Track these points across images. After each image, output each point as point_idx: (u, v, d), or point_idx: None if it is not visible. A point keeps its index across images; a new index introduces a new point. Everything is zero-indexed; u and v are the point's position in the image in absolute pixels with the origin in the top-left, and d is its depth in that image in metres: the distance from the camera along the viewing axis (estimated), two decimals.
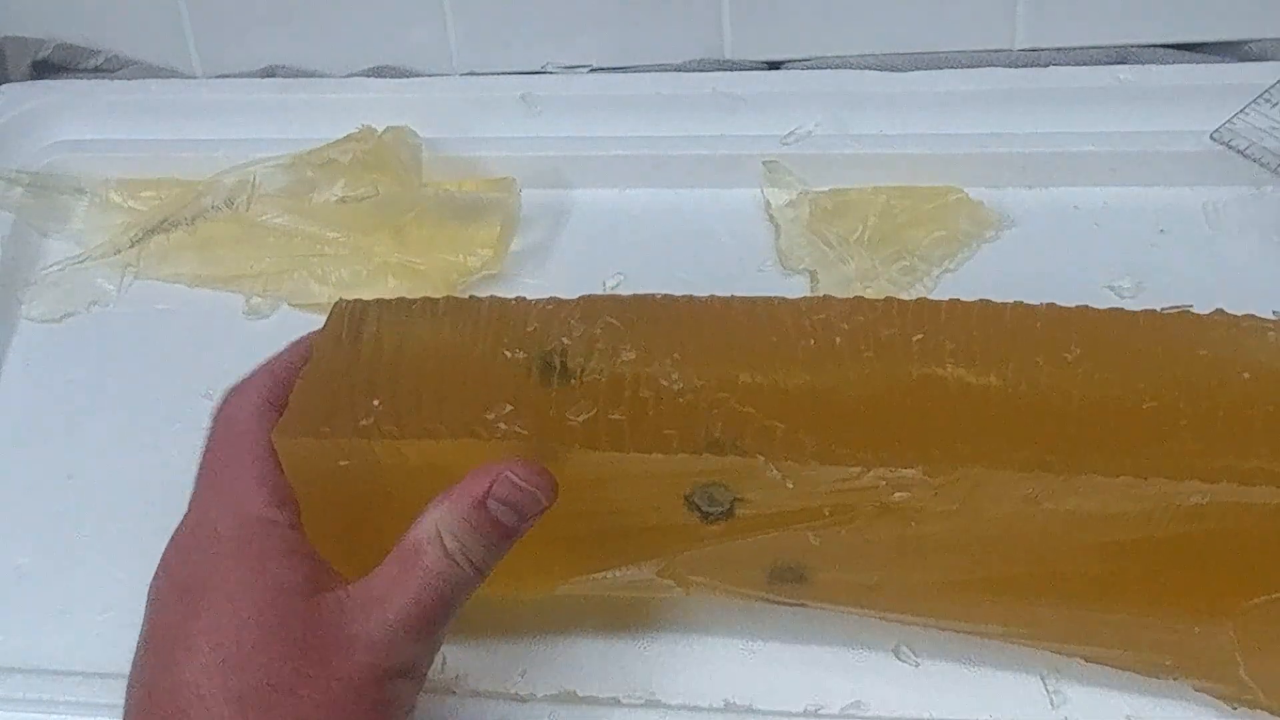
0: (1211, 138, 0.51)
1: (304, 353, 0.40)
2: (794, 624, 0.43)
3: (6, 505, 0.50)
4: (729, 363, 0.38)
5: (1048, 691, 0.42)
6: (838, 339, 0.39)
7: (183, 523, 0.38)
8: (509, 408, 0.37)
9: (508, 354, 0.38)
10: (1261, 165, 0.49)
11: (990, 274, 0.51)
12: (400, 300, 0.41)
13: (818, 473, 0.36)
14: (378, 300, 0.41)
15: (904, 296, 0.50)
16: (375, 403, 0.37)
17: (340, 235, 0.53)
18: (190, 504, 0.38)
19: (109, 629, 0.46)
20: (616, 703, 0.43)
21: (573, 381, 0.37)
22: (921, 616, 0.41)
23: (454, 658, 0.43)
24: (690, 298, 0.40)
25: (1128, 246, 0.51)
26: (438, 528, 0.36)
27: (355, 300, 0.41)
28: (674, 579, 0.41)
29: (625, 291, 0.51)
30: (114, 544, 0.48)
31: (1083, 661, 0.41)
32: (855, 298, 0.40)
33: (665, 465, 0.36)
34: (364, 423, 0.37)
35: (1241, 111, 0.51)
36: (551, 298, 0.40)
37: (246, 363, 0.52)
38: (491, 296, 0.40)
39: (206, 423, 0.50)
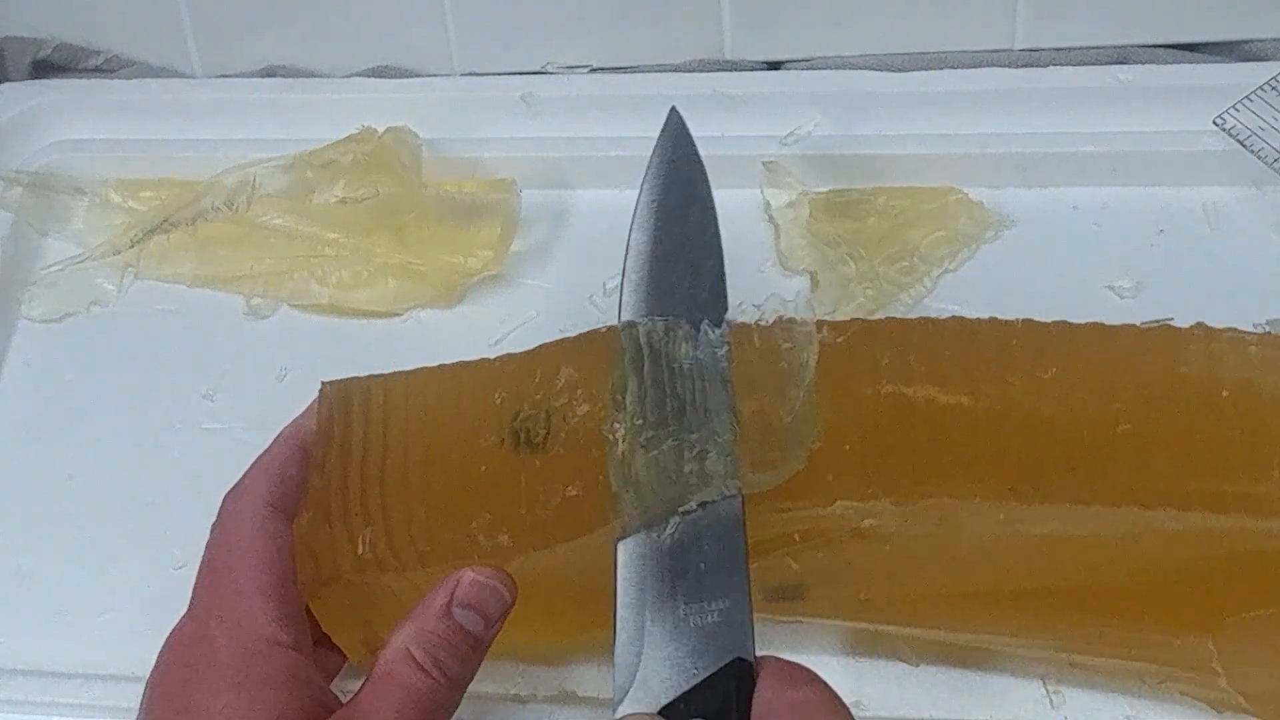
0: (1214, 123, 0.50)
1: (296, 444, 0.40)
2: (793, 624, 0.43)
3: (6, 505, 0.50)
4: None
5: (1047, 692, 0.42)
6: None
7: (182, 627, 0.38)
8: (488, 517, 0.37)
9: (481, 442, 0.39)
10: (1260, 158, 0.49)
11: (990, 274, 0.51)
12: (380, 380, 0.41)
13: (780, 509, 0.36)
14: (362, 382, 0.41)
15: (904, 296, 0.51)
16: (369, 530, 0.38)
17: (340, 236, 0.53)
18: (191, 607, 0.38)
19: (109, 631, 0.46)
20: None
21: (538, 462, 0.37)
22: (915, 628, 0.42)
23: None
24: None
25: (1128, 246, 0.51)
26: (406, 646, 0.36)
27: (339, 384, 0.41)
28: None
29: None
30: (114, 544, 0.48)
31: (1069, 666, 0.41)
32: (818, 320, 0.39)
33: None
34: (363, 553, 0.38)
35: (1245, 98, 0.50)
36: (509, 355, 0.40)
37: (246, 363, 0.53)
38: (459, 363, 0.41)
39: (207, 423, 0.51)
